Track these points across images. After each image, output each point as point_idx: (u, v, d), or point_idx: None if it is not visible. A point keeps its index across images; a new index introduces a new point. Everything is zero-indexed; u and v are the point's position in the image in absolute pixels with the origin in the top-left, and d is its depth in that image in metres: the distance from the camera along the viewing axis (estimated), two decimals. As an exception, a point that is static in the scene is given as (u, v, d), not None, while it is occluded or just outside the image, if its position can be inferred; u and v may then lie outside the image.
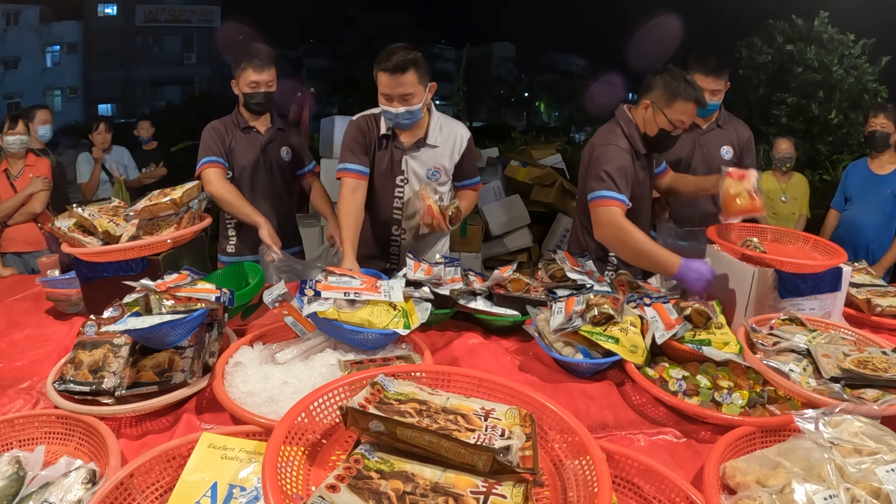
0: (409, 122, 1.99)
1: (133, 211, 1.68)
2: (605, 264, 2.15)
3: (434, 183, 2.11)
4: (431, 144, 2.09)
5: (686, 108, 1.91)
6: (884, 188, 3.36)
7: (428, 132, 2.08)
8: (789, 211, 4.06)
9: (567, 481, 0.83)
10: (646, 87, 1.98)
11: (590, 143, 2.11)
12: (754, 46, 7.10)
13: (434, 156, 2.11)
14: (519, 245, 4.93)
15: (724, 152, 2.62)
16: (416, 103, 1.93)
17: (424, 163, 2.10)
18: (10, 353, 1.55)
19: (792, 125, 6.59)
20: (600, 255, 2.15)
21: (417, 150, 2.09)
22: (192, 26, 24.16)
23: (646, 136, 2.00)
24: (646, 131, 2.00)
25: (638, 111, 2.01)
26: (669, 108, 1.92)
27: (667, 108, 1.92)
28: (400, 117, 1.95)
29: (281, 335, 1.49)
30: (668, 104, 1.92)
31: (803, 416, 1.01)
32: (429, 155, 2.10)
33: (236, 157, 2.38)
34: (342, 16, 16.95)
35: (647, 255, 1.81)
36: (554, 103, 26.88)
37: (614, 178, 1.89)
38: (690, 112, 1.93)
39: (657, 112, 1.94)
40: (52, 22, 22.44)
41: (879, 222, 3.38)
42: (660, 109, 1.93)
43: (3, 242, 3.28)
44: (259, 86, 2.33)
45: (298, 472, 0.82)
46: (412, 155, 2.09)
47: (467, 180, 2.24)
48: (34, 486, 0.98)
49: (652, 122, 1.97)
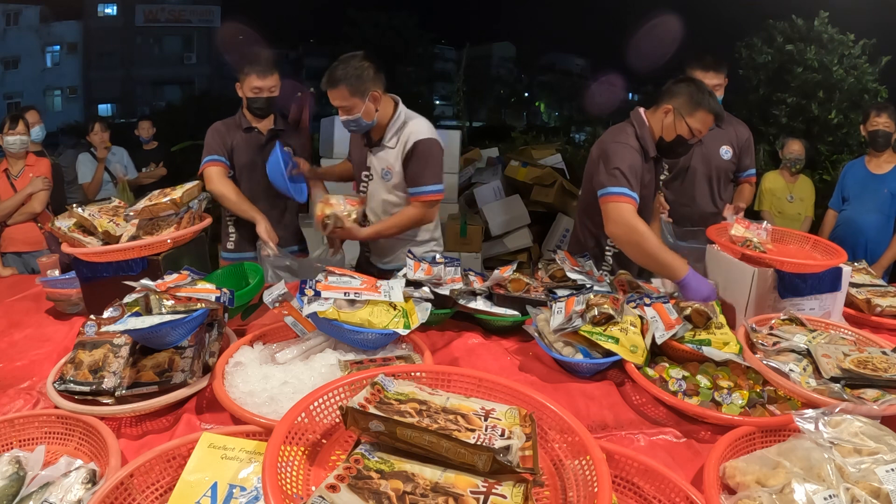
0: (356, 129, 2.13)
1: (133, 211, 1.68)
2: (600, 262, 2.17)
3: (388, 183, 2.20)
4: (386, 145, 2.17)
5: (706, 119, 1.94)
6: (881, 188, 3.36)
7: (385, 133, 2.16)
8: (795, 211, 4.05)
9: (567, 481, 0.83)
10: (668, 92, 1.98)
11: (599, 141, 2.10)
12: (754, 46, 7.09)
13: (386, 156, 2.17)
14: (519, 245, 4.93)
15: (724, 152, 2.63)
16: (355, 113, 2.05)
17: (381, 161, 2.19)
18: (10, 353, 1.55)
19: (792, 125, 6.58)
20: (596, 253, 2.16)
21: (379, 148, 2.19)
22: (192, 26, 24.14)
23: (661, 140, 2.01)
24: (662, 135, 2.00)
25: (656, 115, 2.01)
26: (691, 116, 1.93)
27: (689, 115, 1.93)
28: (347, 125, 2.12)
29: (281, 335, 1.49)
30: (690, 112, 1.93)
31: (803, 416, 1.01)
32: (383, 155, 2.18)
33: (237, 156, 2.42)
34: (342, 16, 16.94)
35: (656, 257, 1.79)
36: (554, 103, 26.87)
37: (626, 176, 1.89)
38: (709, 123, 1.95)
39: (678, 118, 1.95)
40: (52, 22, 22.43)
41: (877, 222, 3.38)
42: (681, 116, 1.94)
43: (3, 242, 3.28)
44: (262, 91, 2.39)
45: (298, 472, 0.82)
46: (374, 153, 2.21)
47: (413, 188, 2.14)
48: (34, 486, 0.98)
49: (671, 127, 1.97)
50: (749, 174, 2.70)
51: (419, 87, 17.27)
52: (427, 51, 18.12)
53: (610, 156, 1.95)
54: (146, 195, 1.75)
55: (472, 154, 5.97)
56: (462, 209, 5.02)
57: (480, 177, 5.59)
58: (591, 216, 2.15)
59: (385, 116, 2.14)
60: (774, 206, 4.08)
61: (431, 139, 2.12)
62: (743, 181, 2.72)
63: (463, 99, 10.13)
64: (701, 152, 2.61)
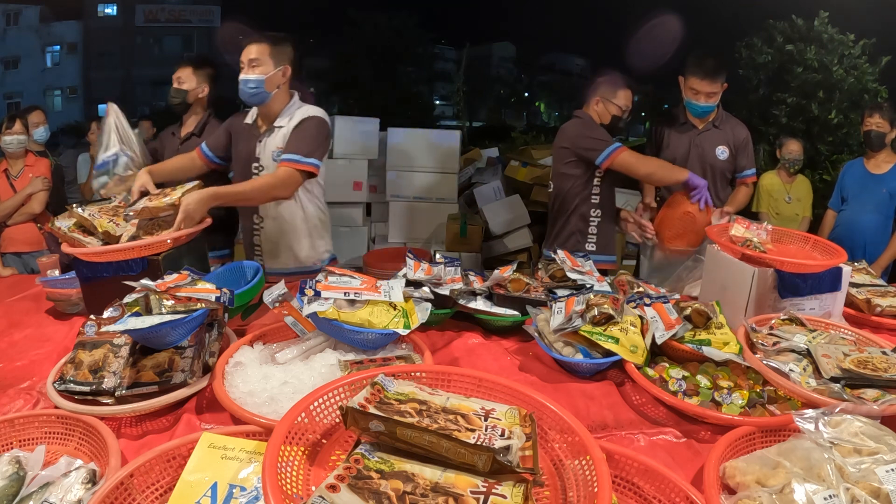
0: (252, 92, 2.08)
1: (133, 211, 1.68)
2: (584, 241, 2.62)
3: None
4: (276, 126, 2.17)
5: (627, 94, 2.50)
6: (880, 187, 3.36)
7: (277, 119, 2.17)
8: (793, 212, 4.06)
9: (567, 481, 0.83)
10: (591, 89, 2.55)
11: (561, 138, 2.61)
12: (754, 46, 7.08)
13: (275, 138, 2.18)
14: (519, 245, 4.92)
15: (720, 152, 2.63)
16: (260, 74, 2.06)
17: (271, 145, 2.18)
18: (10, 353, 1.55)
19: (792, 125, 6.58)
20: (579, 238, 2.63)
21: (269, 133, 2.19)
22: (192, 26, 24.16)
23: (602, 125, 2.52)
24: (601, 122, 2.53)
25: (591, 108, 2.55)
26: (615, 97, 2.50)
27: (614, 98, 2.50)
28: (245, 84, 2.08)
29: (281, 335, 1.49)
30: (614, 94, 2.50)
31: (803, 416, 1.01)
32: (272, 138, 2.19)
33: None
34: (342, 16, 16.91)
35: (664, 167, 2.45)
36: (554, 103, 26.89)
37: (604, 138, 2.44)
38: (630, 97, 2.50)
39: (607, 103, 2.51)
40: (52, 22, 22.44)
41: (876, 222, 3.38)
42: (609, 100, 2.50)
43: (3, 242, 3.28)
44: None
45: (298, 472, 0.82)
46: (263, 140, 2.20)
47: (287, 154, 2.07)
48: (34, 486, 0.97)
49: (605, 112, 2.52)
50: (746, 175, 2.69)
51: (419, 87, 17.27)
52: (427, 51, 18.10)
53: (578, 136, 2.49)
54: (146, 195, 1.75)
55: (472, 154, 5.96)
56: (462, 209, 5.01)
57: (480, 177, 5.58)
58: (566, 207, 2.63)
59: (281, 103, 2.17)
60: (772, 206, 4.08)
61: (320, 118, 2.15)
62: (740, 182, 2.70)
63: (463, 99, 10.14)
64: (697, 152, 2.61)
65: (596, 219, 2.61)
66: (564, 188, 2.61)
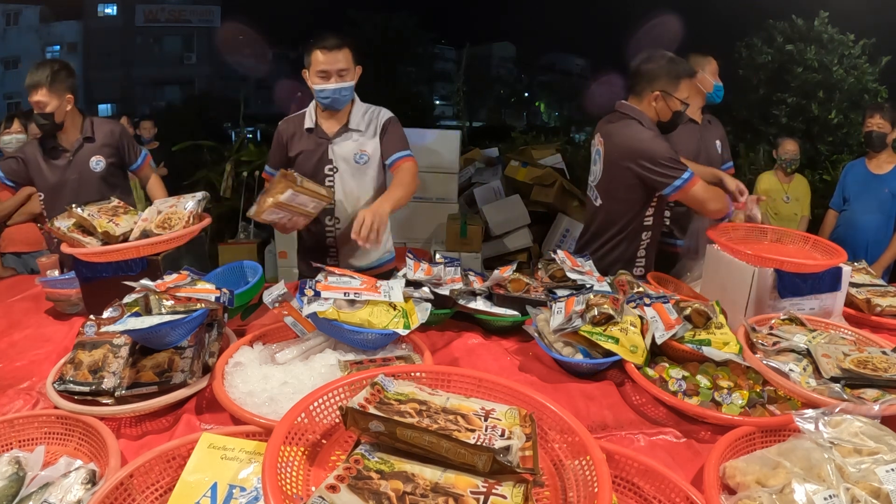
0: (341, 99, 2.10)
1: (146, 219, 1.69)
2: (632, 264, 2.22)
3: (363, 166, 2.19)
4: (353, 129, 2.17)
5: (690, 84, 2.09)
6: (882, 188, 3.37)
7: (350, 118, 2.17)
8: (791, 211, 4.06)
9: (567, 481, 0.83)
10: (645, 80, 2.08)
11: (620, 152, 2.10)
12: (754, 46, 7.09)
13: (358, 140, 2.18)
14: (519, 245, 4.92)
15: (717, 146, 2.67)
16: (350, 80, 2.08)
17: (352, 147, 2.18)
18: (10, 353, 1.55)
19: (792, 125, 6.58)
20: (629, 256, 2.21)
21: (344, 135, 2.17)
22: (192, 26, 24.16)
23: (659, 123, 2.12)
24: (660, 119, 2.11)
25: (645, 104, 2.11)
26: (677, 90, 2.06)
27: (676, 91, 2.06)
28: (336, 93, 2.07)
29: (281, 335, 1.49)
30: (675, 88, 2.05)
31: (803, 416, 1.01)
32: (352, 141, 2.18)
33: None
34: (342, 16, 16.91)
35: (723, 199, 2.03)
36: (554, 103, 26.88)
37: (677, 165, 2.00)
38: (693, 85, 2.13)
39: (669, 98, 2.06)
40: (52, 22, 22.44)
41: (878, 222, 3.39)
42: (670, 95, 2.06)
43: (3, 242, 3.28)
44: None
45: (298, 473, 0.82)
46: (338, 142, 2.17)
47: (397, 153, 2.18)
48: (34, 486, 0.98)
49: (665, 109, 2.08)
50: (729, 167, 2.73)
51: (419, 87, 17.26)
52: (427, 51, 18.08)
53: (650, 153, 2.01)
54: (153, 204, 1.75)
55: (472, 154, 5.96)
56: (462, 209, 5.01)
57: (480, 177, 5.58)
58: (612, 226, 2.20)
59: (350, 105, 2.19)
60: (770, 206, 4.08)
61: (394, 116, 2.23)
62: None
63: (463, 99, 10.12)
64: (703, 148, 2.62)
65: (647, 240, 2.22)
66: (615, 209, 2.19)
